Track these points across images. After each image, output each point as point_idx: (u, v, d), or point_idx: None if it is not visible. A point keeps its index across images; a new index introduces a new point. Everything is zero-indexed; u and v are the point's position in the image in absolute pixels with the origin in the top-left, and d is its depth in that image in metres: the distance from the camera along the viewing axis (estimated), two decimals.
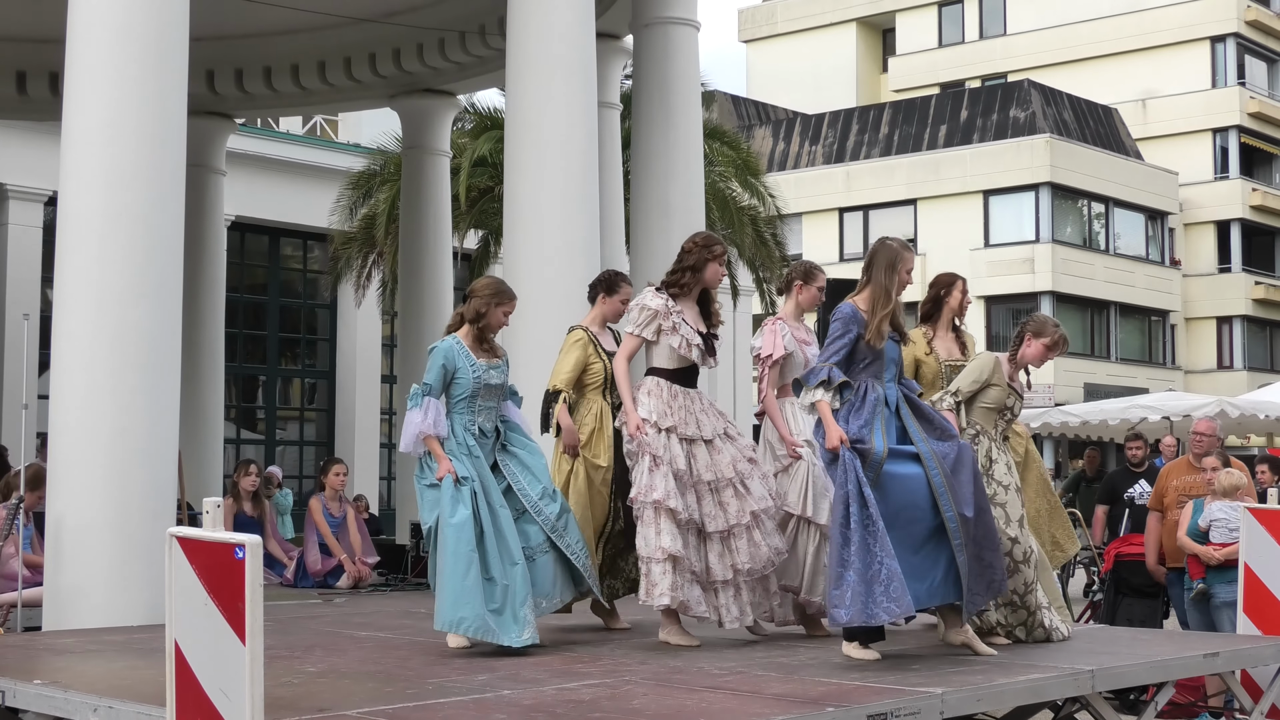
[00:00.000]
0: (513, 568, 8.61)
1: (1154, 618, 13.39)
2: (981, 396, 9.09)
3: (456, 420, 8.90)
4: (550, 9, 13.30)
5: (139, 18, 10.78)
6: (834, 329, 8.33)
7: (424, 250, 21.17)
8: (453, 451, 8.78)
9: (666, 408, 8.85)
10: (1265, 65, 62.71)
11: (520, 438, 9.20)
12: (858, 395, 8.24)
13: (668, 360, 8.99)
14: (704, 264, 9.09)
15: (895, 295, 8.39)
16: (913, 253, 8.60)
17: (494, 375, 8.99)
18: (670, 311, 8.96)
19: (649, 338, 8.98)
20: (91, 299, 10.51)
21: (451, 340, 8.97)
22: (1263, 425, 23.11)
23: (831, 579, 7.99)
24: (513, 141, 13.52)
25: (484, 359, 8.98)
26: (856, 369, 8.30)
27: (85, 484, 10.32)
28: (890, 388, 8.38)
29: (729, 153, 29.31)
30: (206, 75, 20.21)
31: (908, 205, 53.84)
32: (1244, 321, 58.86)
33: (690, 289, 9.11)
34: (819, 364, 8.28)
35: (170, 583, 5.75)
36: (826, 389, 8.14)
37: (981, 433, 9.06)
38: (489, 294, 9.06)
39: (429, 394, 8.79)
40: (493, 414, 9.07)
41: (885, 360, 8.37)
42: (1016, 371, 9.29)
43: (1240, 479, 11.90)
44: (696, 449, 8.88)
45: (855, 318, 8.30)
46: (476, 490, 8.67)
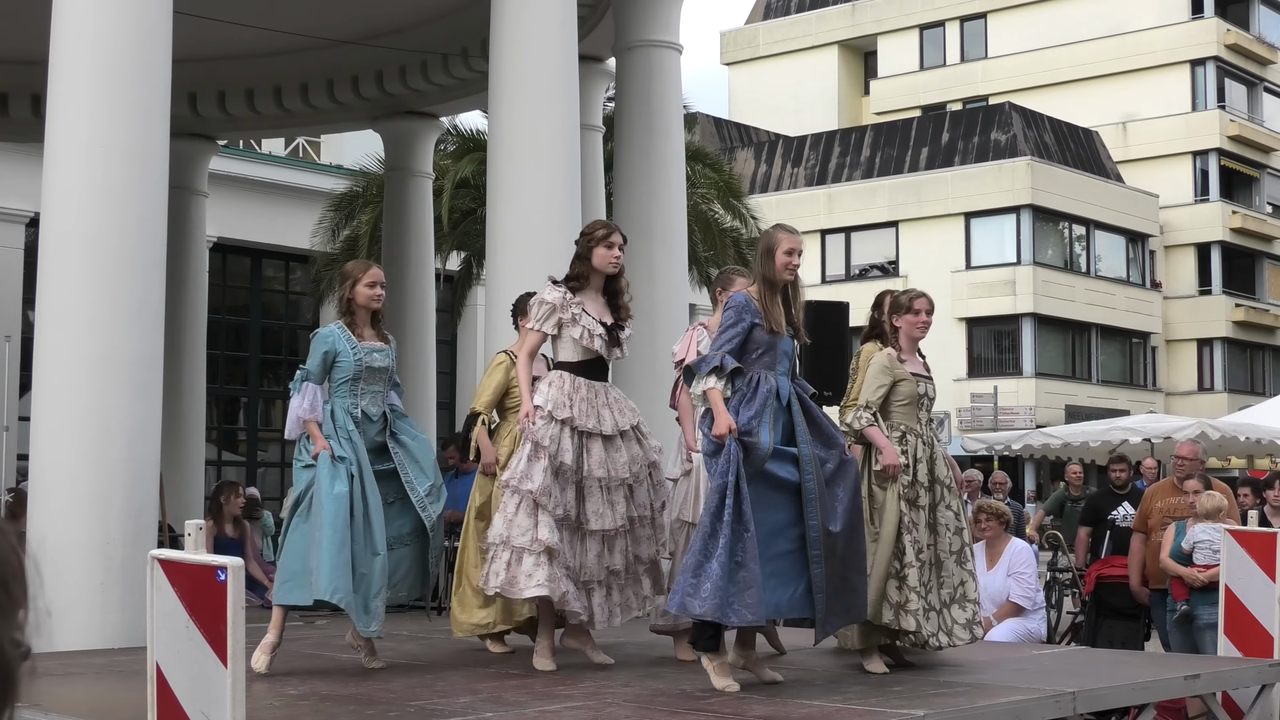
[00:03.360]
0: (374, 558, 8.57)
1: (1135, 639, 13.40)
2: (893, 398, 8.94)
3: (338, 404, 8.85)
4: (533, 32, 13.32)
5: (121, 39, 10.79)
6: (726, 317, 8.16)
7: (406, 272, 21.16)
8: (330, 434, 8.72)
9: (566, 399, 8.68)
10: (1245, 88, 62.97)
11: (409, 428, 9.16)
12: (749, 385, 8.04)
13: (572, 353, 8.84)
14: (589, 251, 8.90)
15: (778, 280, 8.21)
16: (793, 233, 8.39)
17: (377, 358, 8.96)
18: (569, 304, 8.79)
19: (549, 331, 8.85)
20: (73, 320, 10.50)
21: (334, 325, 8.97)
22: (1243, 447, 23.17)
23: (689, 566, 7.73)
24: (495, 163, 13.53)
25: (367, 342, 8.96)
26: (749, 359, 8.09)
27: (66, 505, 10.30)
28: (783, 380, 8.16)
29: (711, 175, 29.38)
30: (189, 97, 20.20)
31: (889, 227, 53.95)
32: (1224, 344, 59.02)
33: (587, 279, 8.92)
34: (711, 351, 8.10)
35: (152, 605, 5.74)
36: (719, 376, 7.93)
37: (908, 431, 8.93)
38: (345, 278, 9.07)
39: (308, 379, 8.80)
40: (378, 398, 9.01)
41: (778, 352, 8.16)
42: (910, 355, 9.14)
43: (1222, 501, 11.92)
44: (592, 444, 8.71)
45: (748, 306, 8.12)
46: (353, 472, 8.61)
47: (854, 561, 8.07)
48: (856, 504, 8.15)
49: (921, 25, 66.39)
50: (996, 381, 49.86)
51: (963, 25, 65.41)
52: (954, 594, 8.85)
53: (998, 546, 12.15)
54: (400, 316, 21.11)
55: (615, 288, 9.03)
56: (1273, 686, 9.44)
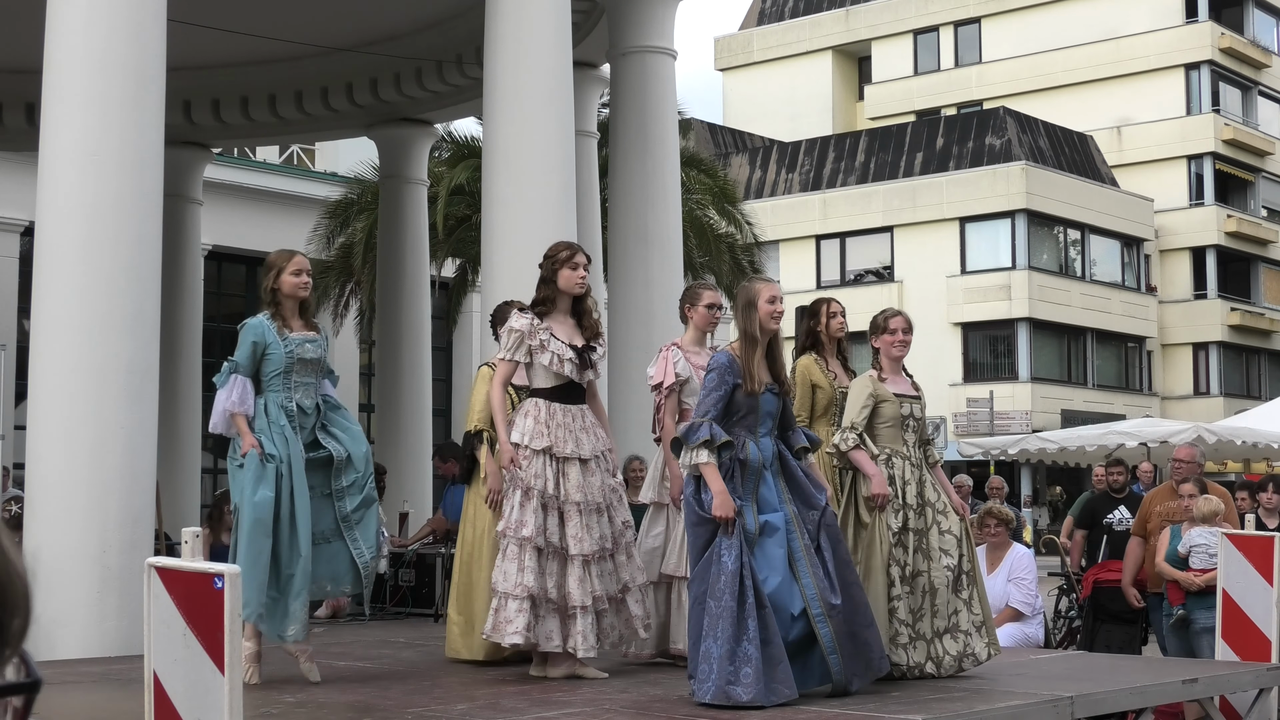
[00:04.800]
0: (298, 559, 8.40)
1: (1133, 644, 13.40)
2: (877, 419, 8.77)
3: (271, 398, 8.65)
4: (527, 38, 13.32)
5: (116, 48, 10.79)
6: (709, 380, 7.95)
7: (402, 279, 21.16)
8: (263, 430, 8.53)
9: (544, 428, 8.59)
10: (1239, 92, 63.03)
11: (341, 420, 8.94)
12: (733, 459, 7.84)
13: (544, 380, 8.75)
14: (554, 273, 8.81)
15: (761, 334, 8.03)
16: (773, 284, 8.26)
17: (309, 349, 8.74)
18: (536, 330, 8.69)
19: (520, 360, 8.73)
20: (68, 329, 10.49)
21: (262, 316, 8.75)
22: (1239, 451, 23.17)
23: (723, 655, 7.41)
24: (490, 170, 13.52)
25: (298, 332, 8.75)
26: (732, 421, 7.89)
27: (63, 514, 10.29)
28: (765, 443, 7.99)
29: (706, 180, 29.39)
30: (183, 105, 20.19)
31: (884, 232, 53.99)
32: (1220, 348, 59.05)
33: (554, 303, 8.82)
34: (697, 419, 7.87)
35: (149, 613, 5.73)
36: (709, 450, 7.74)
37: (894, 454, 8.76)
38: (268, 269, 8.85)
39: (235, 371, 8.61)
40: (311, 390, 8.81)
41: (760, 413, 7.98)
42: (894, 375, 8.98)
43: (1218, 505, 11.91)
44: (570, 468, 8.62)
45: (731, 367, 7.91)
46: (283, 471, 8.44)
47: (859, 618, 7.87)
48: (845, 559, 7.99)
49: (915, 30, 66.44)
50: (992, 386, 49.89)
51: (957, 30, 65.47)
52: (947, 624, 8.68)
53: (999, 551, 12.15)
54: (395, 323, 21.13)
55: (583, 307, 8.92)
56: (1270, 690, 9.43)
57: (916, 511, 8.71)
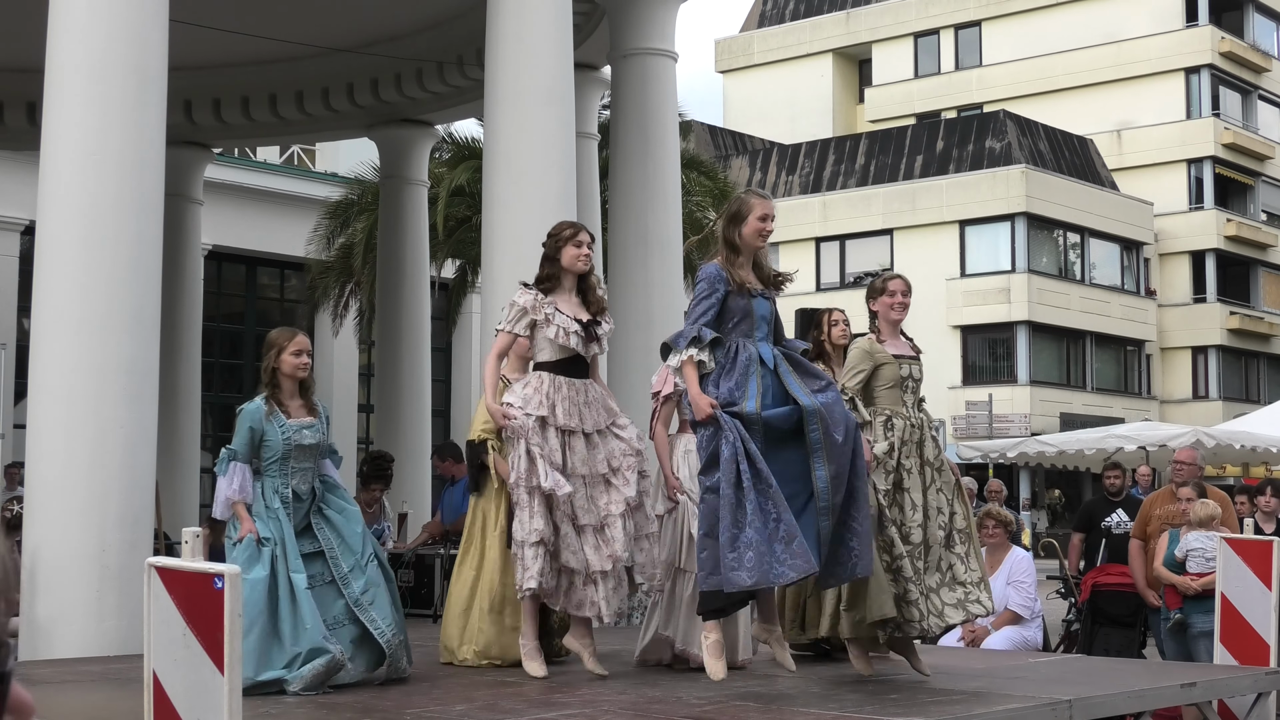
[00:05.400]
0: (304, 633, 8.29)
1: (1131, 647, 13.41)
2: (876, 382, 8.76)
3: (267, 483, 8.56)
4: (528, 39, 13.32)
5: (117, 47, 10.78)
6: (700, 289, 8.01)
7: (402, 279, 21.15)
8: (258, 514, 8.46)
9: (545, 398, 8.55)
10: (1239, 96, 63.05)
11: (339, 501, 8.84)
12: (728, 355, 7.89)
13: (549, 353, 8.70)
14: (557, 251, 8.78)
15: (748, 246, 8.07)
16: (767, 200, 8.24)
17: (307, 435, 8.62)
18: (540, 305, 8.66)
19: (520, 333, 8.71)
20: (69, 328, 10.49)
21: (259, 401, 8.64)
22: (1238, 455, 23.12)
23: (725, 542, 7.52)
24: (491, 171, 13.52)
25: (296, 418, 8.64)
26: (726, 328, 7.94)
27: (62, 513, 10.29)
28: (763, 346, 8.00)
29: (706, 183, 29.39)
30: (184, 105, 20.18)
31: (884, 235, 54.00)
32: (1219, 351, 59.07)
33: (558, 280, 8.79)
34: (687, 325, 7.94)
35: (148, 613, 5.73)
36: (697, 347, 7.81)
37: (894, 415, 8.72)
38: (268, 348, 8.73)
39: (234, 459, 8.51)
40: (309, 475, 8.69)
41: (755, 318, 8.00)
42: (892, 338, 8.95)
43: (1215, 509, 11.93)
44: (575, 441, 8.59)
45: (720, 276, 7.97)
46: (277, 555, 8.36)
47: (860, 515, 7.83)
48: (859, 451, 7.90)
49: (916, 33, 66.48)
50: (991, 389, 49.89)
51: (957, 33, 65.49)
52: (943, 579, 8.67)
53: (998, 554, 12.16)
54: (395, 324, 21.13)
55: (587, 285, 8.91)
56: (1269, 694, 9.44)
57: (914, 472, 8.67)
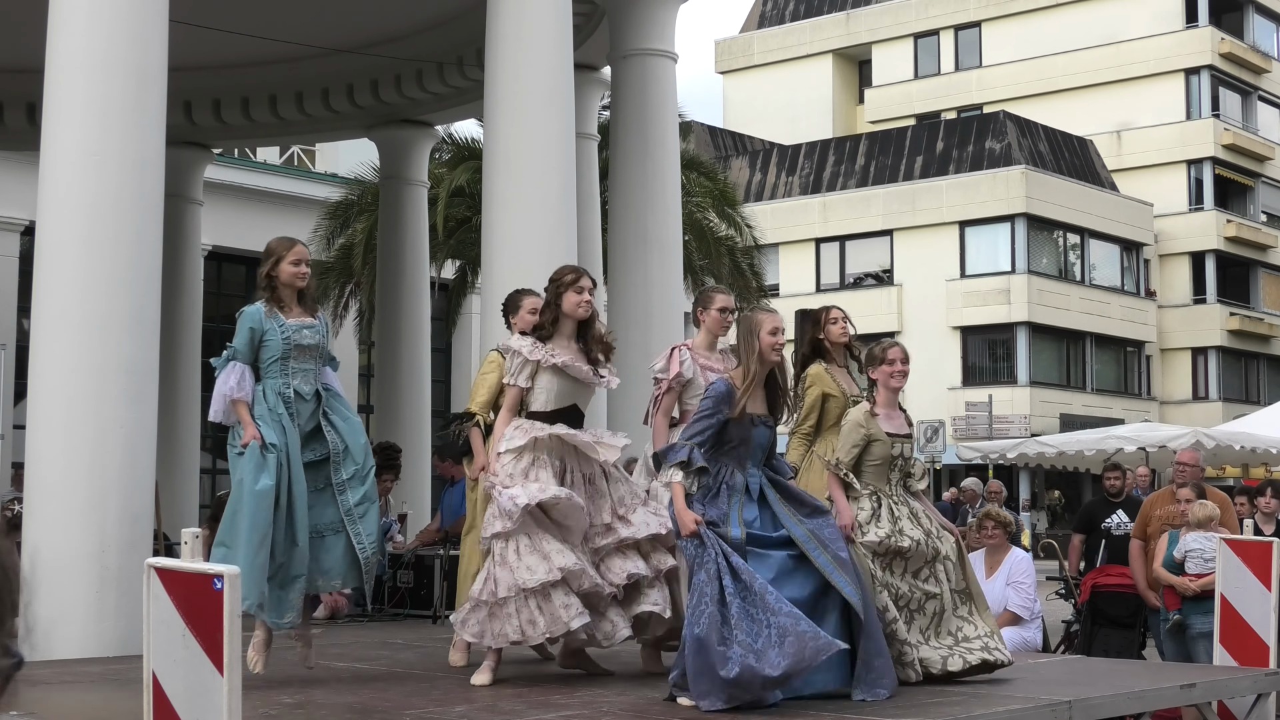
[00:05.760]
0: (293, 548, 8.34)
1: (1131, 648, 13.39)
2: (865, 457, 8.67)
3: (269, 385, 8.56)
4: (528, 40, 13.33)
5: (117, 48, 10.79)
6: (704, 406, 7.90)
7: (401, 280, 21.16)
8: (263, 417, 8.45)
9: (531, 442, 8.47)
10: (1239, 97, 63.04)
11: (342, 409, 8.86)
12: (716, 480, 7.80)
13: (543, 404, 8.62)
14: (558, 298, 8.70)
15: (765, 364, 7.96)
16: (774, 314, 8.19)
17: (307, 335, 8.65)
18: (538, 349, 8.59)
19: (524, 385, 8.61)
20: (68, 328, 10.50)
21: (259, 304, 8.65)
22: (1238, 456, 23.10)
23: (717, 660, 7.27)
24: (491, 172, 13.53)
25: (295, 319, 8.66)
26: (722, 450, 7.83)
27: (62, 514, 10.29)
28: (753, 474, 7.91)
29: (706, 183, 29.42)
30: (184, 105, 20.19)
31: (884, 236, 53.98)
32: (1219, 352, 59.06)
33: (558, 326, 8.70)
34: (681, 441, 7.84)
35: (148, 613, 5.73)
36: (685, 471, 7.68)
37: (877, 491, 8.68)
38: (267, 256, 8.70)
39: (234, 358, 8.52)
40: (310, 376, 8.71)
41: (753, 445, 7.91)
42: (889, 409, 8.85)
43: (1213, 510, 11.92)
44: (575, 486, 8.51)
45: (728, 398, 7.84)
46: (282, 460, 8.37)
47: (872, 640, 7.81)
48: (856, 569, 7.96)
49: (916, 34, 66.47)
50: (991, 390, 49.86)
51: (957, 34, 65.48)
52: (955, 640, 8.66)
53: (998, 555, 12.15)
54: (395, 324, 21.14)
55: (589, 332, 8.79)
56: (1268, 695, 9.44)
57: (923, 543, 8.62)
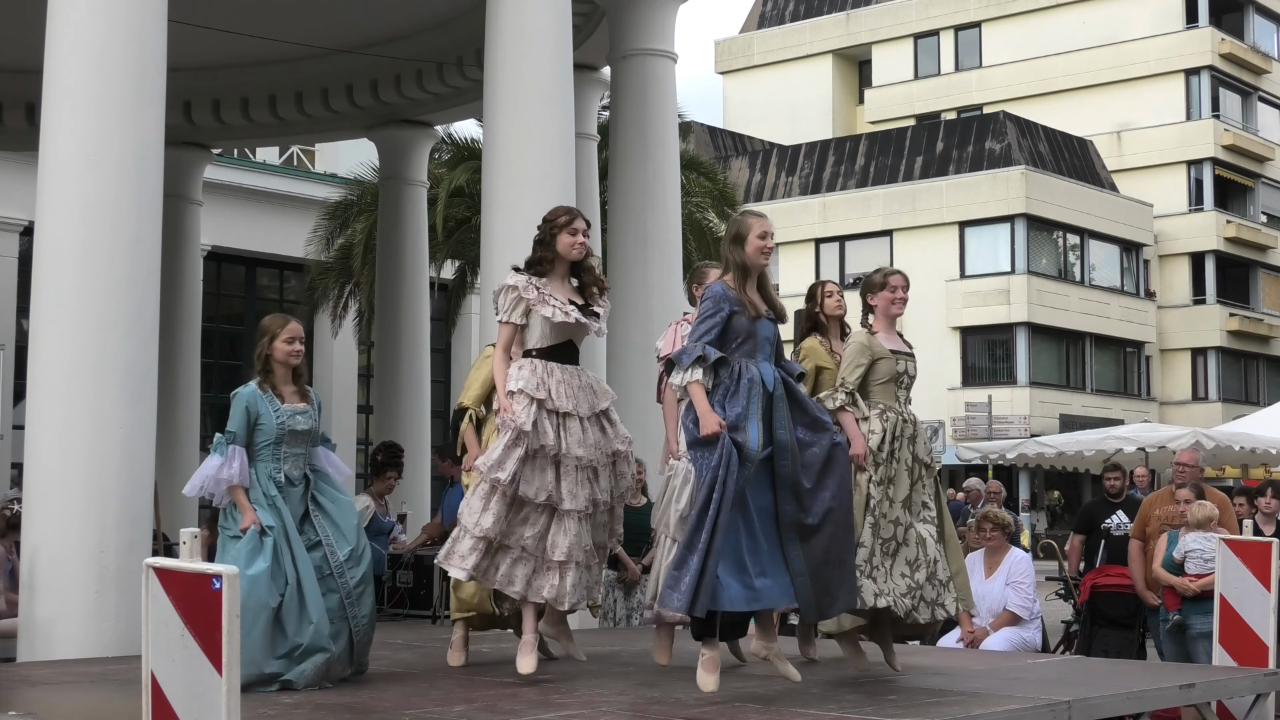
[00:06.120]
0: (309, 626, 8.31)
1: (1130, 648, 13.39)
2: (872, 376, 8.81)
3: (261, 469, 8.52)
4: (528, 40, 13.32)
5: (116, 48, 10.78)
6: (704, 307, 8.01)
7: (401, 280, 21.16)
8: (257, 501, 8.42)
9: (539, 382, 8.48)
10: (1239, 98, 63.05)
11: (332, 490, 8.82)
12: (732, 377, 7.90)
13: (539, 340, 8.60)
14: (551, 238, 8.67)
15: (753, 265, 8.07)
16: (764, 219, 8.24)
17: (300, 421, 8.61)
18: (533, 286, 8.57)
19: (518, 322, 8.59)
20: (68, 329, 10.48)
21: (253, 385, 8.61)
22: (1238, 456, 23.09)
23: (675, 560, 7.71)
24: (490, 172, 13.52)
25: (290, 403, 8.62)
26: (730, 348, 7.94)
27: (61, 514, 10.28)
28: (765, 367, 8.01)
29: (706, 183, 29.40)
30: (183, 106, 20.20)
31: (884, 236, 53.97)
32: (1219, 353, 59.06)
33: (551, 265, 8.68)
34: (691, 342, 7.95)
35: (146, 613, 5.72)
36: (702, 367, 7.80)
37: (887, 409, 8.80)
38: (261, 335, 8.69)
39: (233, 442, 8.44)
40: (300, 461, 8.67)
41: (759, 339, 8.02)
42: (888, 332, 9.01)
43: (1212, 510, 11.92)
44: (570, 423, 8.51)
45: (725, 295, 7.97)
46: (279, 544, 8.35)
47: (837, 550, 7.91)
48: (845, 489, 8.00)
49: (916, 34, 66.49)
50: (991, 390, 49.89)
51: (957, 34, 65.49)
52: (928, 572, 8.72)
53: (997, 556, 12.17)
54: (394, 325, 21.13)
55: (582, 270, 8.80)
56: (1268, 696, 9.44)
57: (907, 468, 8.74)
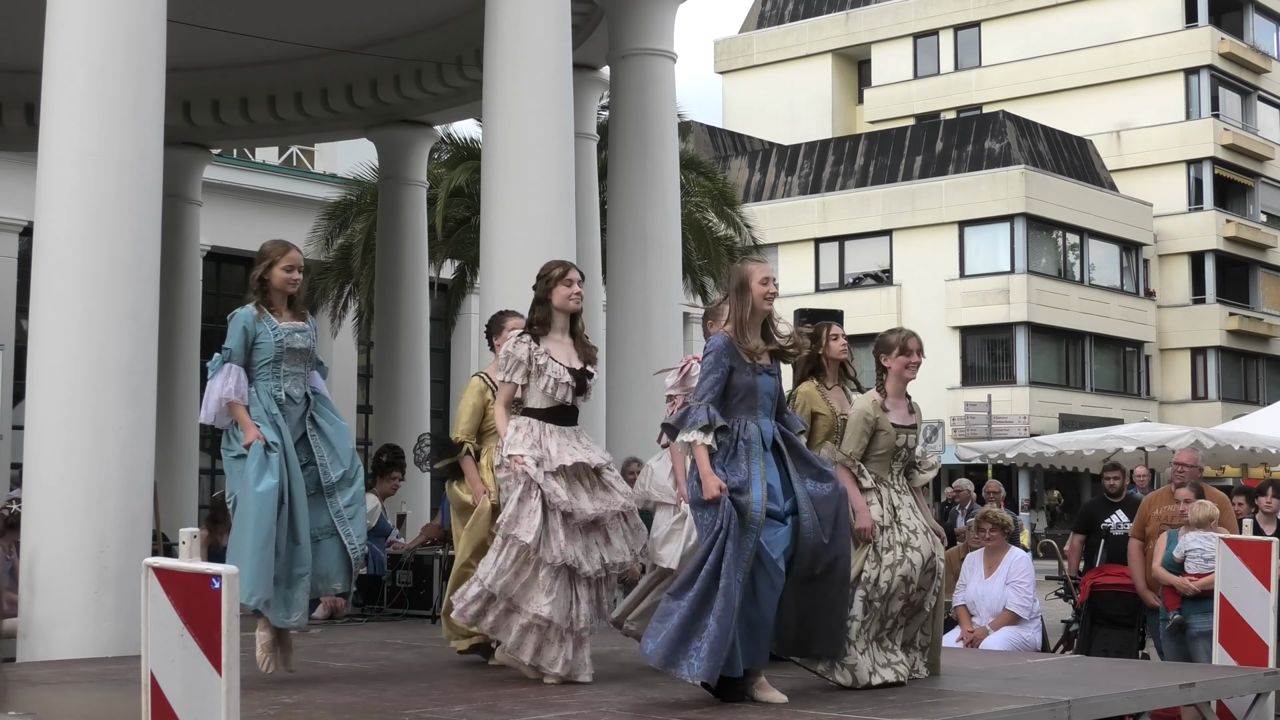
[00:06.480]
0: (296, 547, 8.36)
1: (1130, 648, 13.38)
2: (871, 447, 8.70)
3: (261, 387, 8.55)
4: (527, 40, 13.32)
5: (115, 48, 10.78)
6: (706, 363, 7.95)
7: (400, 280, 21.16)
8: (259, 418, 8.43)
9: (536, 443, 8.52)
10: (1239, 97, 63.04)
11: (329, 413, 8.84)
12: (731, 438, 7.83)
13: (539, 401, 8.65)
14: (548, 293, 8.74)
15: (755, 315, 8.00)
16: (764, 265, 8.24)
17: (298, 339, 8.65)
18: (534, 354, 8.62)
19: (519, 382, 8.66)
20: (67, 329, 10.48)
21: (250, 307, 8.63)
22: (1237, 456, 23.09)
23: (660, 611, 7.67)
24: (489, 172, 13.52)
25: (287, 322, 8.65)
26: (731, 404, 7.87)
27: (61, 514, 10.27)
28: (765, 423, 7.95)
29: (705, 183, 29.39)
30: (183, 106, 20.20)
31: (883, 236, 53.98)
32: (1218, 353, 59.06)
33: (549, 322, 8.74)
34: (695, 403, 7.87)
35: (146, 613, 5.72)
36: (706, 433, 7.73)
37: (879, 482, 8.71)
38: (260, 259, 8.69)
39: (230, 359, 8.48)
40: (300, 379, 8.71)
41: (760, 394, 7.95)
42: (897, 399, 8.86)
43: (1213, 510, 11.92)
44: (575, 487, 8.52)
45: (726, 349, 7.90)
46: (281, 460, 8.38)
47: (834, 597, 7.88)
48: (847, 538, 8.01)
49: (915, 34, 66.47)
50: (990, 390, 49.89)
51: (956, 34, 65.48)
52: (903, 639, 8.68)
53: (997, 555, 12.17)
54: (394, 325, 21.14)
55: (577, 326, 8.85)
56: (1268, 695, 9.44)
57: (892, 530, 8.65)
